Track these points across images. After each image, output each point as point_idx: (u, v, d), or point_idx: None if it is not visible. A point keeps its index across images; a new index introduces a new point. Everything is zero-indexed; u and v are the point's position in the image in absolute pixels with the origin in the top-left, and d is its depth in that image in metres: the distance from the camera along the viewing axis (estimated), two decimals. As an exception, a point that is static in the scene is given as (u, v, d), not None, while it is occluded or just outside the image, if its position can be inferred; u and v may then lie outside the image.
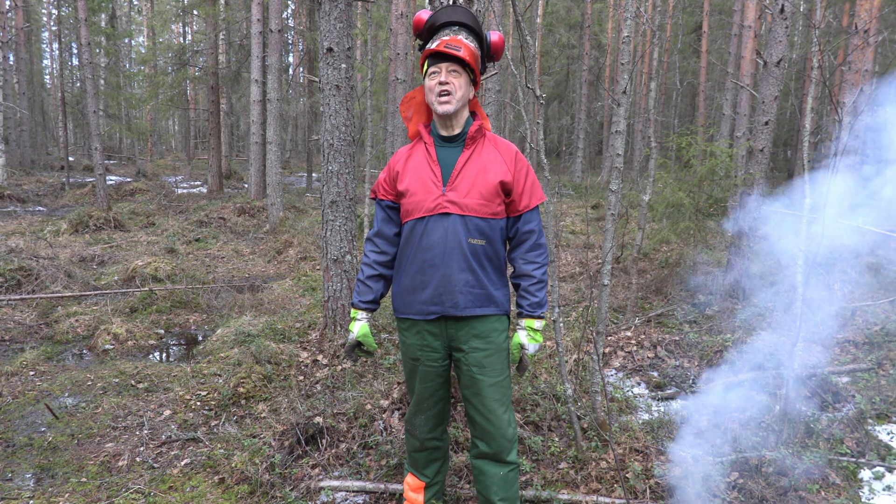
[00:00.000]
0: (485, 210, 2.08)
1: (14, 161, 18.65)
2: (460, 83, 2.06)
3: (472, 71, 2.10)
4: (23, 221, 10.39)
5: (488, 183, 2.07)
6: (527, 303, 2.18)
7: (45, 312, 5.53)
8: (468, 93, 2.11)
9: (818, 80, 9.50)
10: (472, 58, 2.08)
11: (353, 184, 4.50)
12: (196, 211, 11.63)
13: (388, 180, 2.21)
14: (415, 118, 2.26)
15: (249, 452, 3.00)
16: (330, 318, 4.50)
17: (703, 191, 6.25)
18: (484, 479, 2.20)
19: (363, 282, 2.27)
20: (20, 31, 19.25)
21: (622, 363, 4.42)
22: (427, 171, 2.11)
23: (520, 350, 2.21)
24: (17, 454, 3.12)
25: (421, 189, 2.09)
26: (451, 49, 2.03)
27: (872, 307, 5.70)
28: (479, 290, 2.09)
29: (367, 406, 3.42)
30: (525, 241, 2.17)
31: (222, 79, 16.16)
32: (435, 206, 2.06)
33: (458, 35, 2.10)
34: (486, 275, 2.10)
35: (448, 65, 2.05)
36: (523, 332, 2.21)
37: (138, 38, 28.93)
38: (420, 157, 2.15)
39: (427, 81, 2.09)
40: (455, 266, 2.06)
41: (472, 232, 2.06)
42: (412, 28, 2.21)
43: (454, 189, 2.07)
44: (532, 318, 2.19)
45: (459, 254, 2.06)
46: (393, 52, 11.64)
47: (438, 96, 2.05)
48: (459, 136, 2.14)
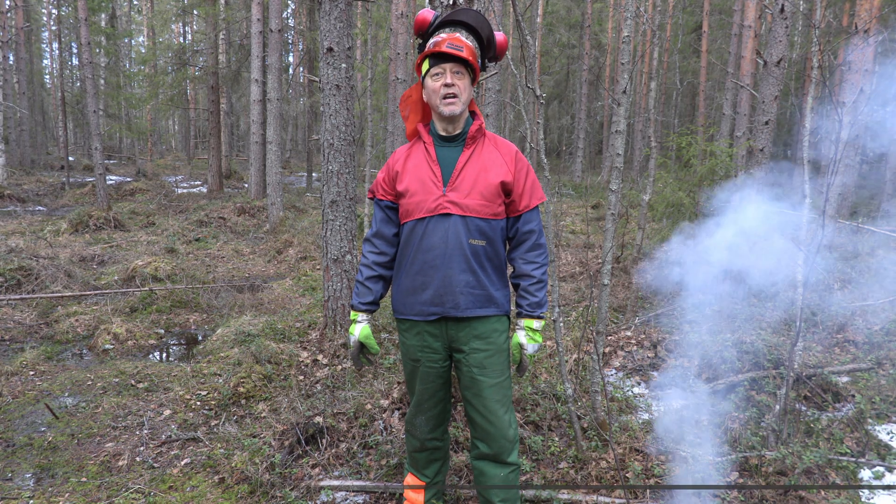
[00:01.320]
0: (486, 210, 2.07)
1: (14, 161, 18.66)
2: (465, 84, 2.04)
3: (473, 70, 2.08)
4: (23, 221, 10.39)
5: (489, 183, 2.06)
6: (526, 303, 2.18)
7: (45, 312, 5.53)
8: (471, 93, 2.10)
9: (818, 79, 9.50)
10: (474, 58, 2.07)
11: (354, 183, 4.50)
12: (196, 211, 11.63)
13: (387, 180, 2.19)
14: (412, 117, 2.24)
15: (249, 452, 3.00)
16: (330, 318, 4.50)
17: (704, 190, 6.25)
18: (484, 480, 2.19)
19: (362, 283, 2.25)
20: (20, 30, 19.26)
21: (622, 363, 4.42)
22: (427, 171, 2.09)
23: (519, 350, 2.21)
24: (17, 454, 3.11)
25: (421, 189, 2.08)
26: (454, 49, 2.00)
27: (872, 307, 5.70)
28: (480, 291, 2.09)
29: (367, 406, 3.42)
30: (525, 241, 2.17)
31: (222, 78, 16.16)
32: (436, 207, 2.05)
33: (456, 33, 2.08)
34: (486, 275, 2.09)
35: (452, 65, 2.02)
36: (522, 332, 2.20)
37: (138, 38, 28.94)
38: (420, 157, 2.13)
39: (429, 82, 2.06)
40: (456, 267, 2.05)
41: (472, 233, 2.05)
42: (414, 27, 2.19)
43: (455, 189, 2.05)
44: (531, 318, 2.18)
45: (460, 255, 2.05)
46: (393, 52, 11.63)
47: (444, 98, 2.03)
48: (460, 136, 2.12)
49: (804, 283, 3.18)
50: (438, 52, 2.02)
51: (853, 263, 7.42)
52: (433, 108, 2.10)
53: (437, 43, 2.05)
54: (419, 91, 2.19)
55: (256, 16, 11.59)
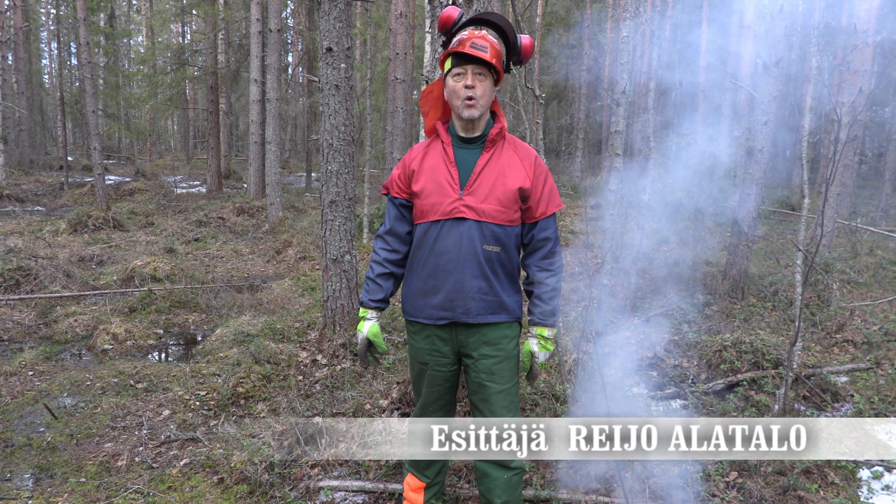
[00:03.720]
0: (502, 217, 2.03)
1: (13, 161, 18.62)
2: (485, 87, 1.99)
3: (496, 72, 2.03)
4: (21, 221, 10.37)
5: (507, 189, 2.02)
6: (539, 311, 2.14)
7: (43, 312, 5.52)
8: (492, 96, 2.05)
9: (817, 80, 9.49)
10: (498, 59, 2.00)
11: (353, 184, 4.50)
12: (195, 211, 11.63)
13: (403, 178, 2.14)
14: (432, 113, 2.18)
15: (249, 452, 3.00)
16: (329, 318, 4.50)
17: (703, 191, 6.25)
18: (488, 482, 2.17)
19: (373, 280, 2.20)
20: (19, 30, 19.23)
21: (622, 363, 4.42)
22: (444, 173, 2.05)
23: (530, 358, 2.18)
24: (16, 454, 3.11)
25: (437, 191, 2.04)
26: (477, 50, 1.95)
27: (871, 307, 5.71)
28: (492, 297, 2.06)
29: (367, 406, 3.42)
30: (540, 249, 2.13)
31: (221, 78, 16.15)
32: (451, 210, 2.01)
33: (483, 30, 2.02)
34: (498, 282, 2.06)
35: (474, 67, 1.97)
36: (534, 340, 2.16)
37: (137, 38, 28.86)
38: (437, 157, 2.09)
39: (450, 82, 2.01)
40: (468, 272, 2.02)
41: (487, 238, 2.02)
42: (438, 24, 2.13)
43: (472, 193, 2.01)
44: (544, 326, 2.15)
45: (473, 260, 2.01)
46: (392, 52, 11.63)
47: (465, 101, 1.98)
48: (479, 138, 2.08)
49: (803, 282, 3.18)
50: (462, 51, 1.96)
51: (852, 263, 7.42)
52: (453, 108, 2.05)
53: (461, 41, 2.00)
54: (441, 87, 2.13)
55: (255, 16, 11.58)
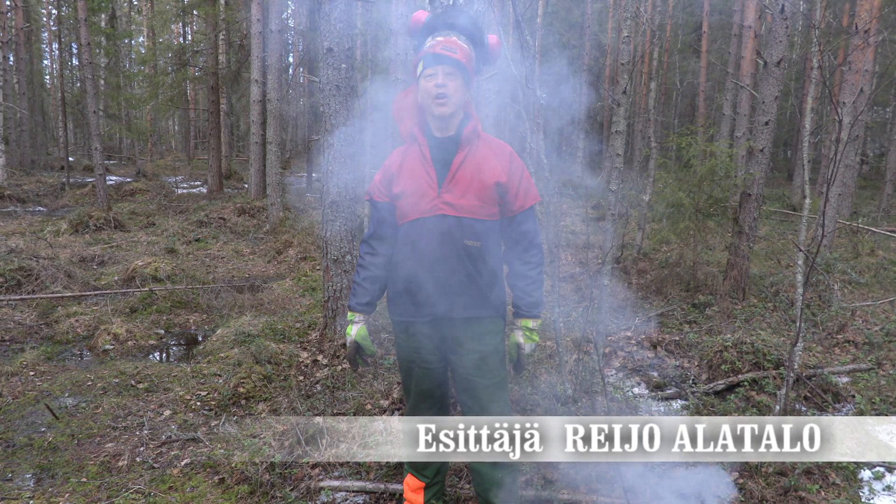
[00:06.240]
0: (481, 212, 2.07)
1: (14, 161, 18.63)
2: (456, 86, 2.05)
3: (467, 72, 2.08)
4: (23, 221, 10.39)
5: (484, 184, 2.06)
6: (523, 303, 2.18)
7: (45, 312, 5.53)
8: (465, 95, 2.10)
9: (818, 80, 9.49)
10: (467, 59, 2.07)
11: (354, 184, 4.50)
12: (196, 211, 11.63)
13: (384, 182, 2.19)
14: (407, 119, 2.23)
15: (249, 452, 3.00)
16: (330, 319, 4.50)
17: (703, 191, 6.25)
18: (483, 482, 2.18)
19: (359, 284, 2.24)
20: (20, 31, 19.25)
21: (622, 363, 4.42)
22: (422, 173, 2.10)
23: (517, 350, 2.22)
24: (17, 454, 3.11)
25: (416, 191, 2.08)
26: (447, 51, 2.02)
27: (873, 307, 5.70)
28: (475, 292, 2.09)
29: (367, 406, 3.43)
30: (520, 242, 2.17)
31: (222, 79, 16.15)
32: (431, 208, 2.06)
33: (452, 35, 2.08)
34: (481, 276, 2.09)
35: (444, 67, 2.03)
36: (520, 331, 2.21)
37: (138, 38, 28.87)
38: (415, 159, 2.13)
39: (422, 83, 2.07)
40: (451, 268, 2.05)
41: (467, 233, 2.06)
42: (409, 27, 2.20)
43: (450, 190, 2.06)
44: (529, 317, 2.19)
45: (455, 256, 2.05)
46: (393, 52, 11.64)
47: (435, 99, 2.04)
48: (454, 137, 2.13)
49: (804, 283, 3.18)
50: (432, 53, 2.03)
51: (854, 264, 7.41)
52: (426, 108, 2.10)
53: (432, 46, 2.06)
54: (415, 92, 2.18)
55: (256, 16, 11.59)
